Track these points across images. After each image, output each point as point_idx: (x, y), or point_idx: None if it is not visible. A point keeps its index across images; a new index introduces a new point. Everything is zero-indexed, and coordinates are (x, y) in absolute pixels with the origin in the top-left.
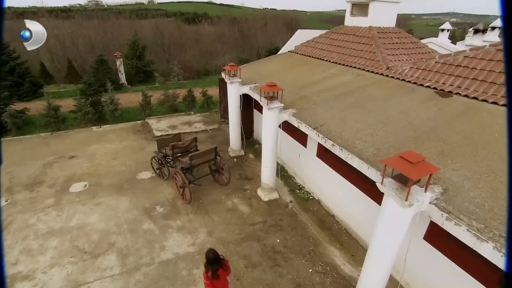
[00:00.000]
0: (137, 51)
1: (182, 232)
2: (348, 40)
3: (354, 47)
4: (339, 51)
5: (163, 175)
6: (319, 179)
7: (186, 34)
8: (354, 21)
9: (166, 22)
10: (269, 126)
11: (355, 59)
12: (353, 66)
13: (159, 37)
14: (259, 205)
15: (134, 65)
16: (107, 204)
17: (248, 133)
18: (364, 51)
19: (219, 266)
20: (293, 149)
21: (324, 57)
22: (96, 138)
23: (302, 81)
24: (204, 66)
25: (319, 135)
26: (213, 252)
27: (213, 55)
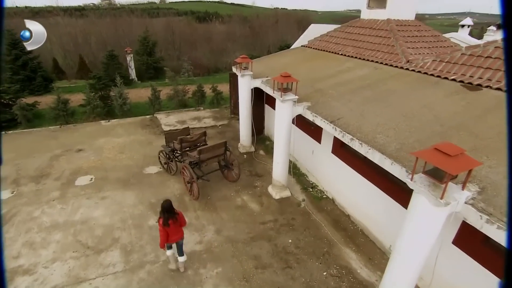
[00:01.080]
0: (147, 47)
1: (189, 229)
2: (364, 33)
3: (371, 40)
4: (354, 44)
5: (171, 170)
6: (333, 177)
7: (197, 32)
8: (371, 14)
9: (177, 20)
10: (282, 120)
11: (372, 53)
12: (370, 59)
13: (170, 35)
14: (270, 203)
15: (145, 61)
16: (113, 198)
17: (258, 129)
18: (381, 44)
19: (171, 216)
20: (306, 146)
21: (339, 51)
22: (104, 132)
23: (317, 75)
24: (215, 63)
25: (336, 129)
26: (168, 203)
27: (223, 53)
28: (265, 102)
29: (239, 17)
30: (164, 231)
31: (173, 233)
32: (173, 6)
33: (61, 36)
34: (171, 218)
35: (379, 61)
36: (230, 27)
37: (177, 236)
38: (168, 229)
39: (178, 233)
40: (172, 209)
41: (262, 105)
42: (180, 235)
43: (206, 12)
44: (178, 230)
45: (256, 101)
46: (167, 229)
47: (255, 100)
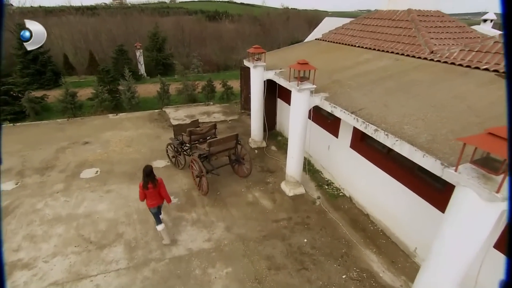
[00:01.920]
0: (157, 43)
1: (197, 225)
2: (383, 25)
3: (390, 31)
4: (372, 36)
5: (179, 164)
6: (351, 174)
7: (207, 30)
8: (390, 5)
9: (187, 19)
10: (298, 111)
11: (391, 44)
12: (390, 51)
13: (180, 32)
14: (283, 200)
15: (154, 57)
16: (118, 192)
17: (270, 124)
18: (402, 35)
19: (150, 180)
20: (321, 141)
21: (355, 43)
22: (111, 125)
23: (333, 66)
24: (224, 61)
25: (358, 120)
26: (149, 168)
27: (233, 50)
28: (278, 96)
29: (249, 16)
30: (142, 192)
31: (151, 198)
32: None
33: (72, 33)
34: (150, 182)
35: (399, 52)
36: (240, 25)
37: (155, 202)
38: (147, 192)
39: (156, 199)
40: (152, 174)
41: (274, 99)
42: (159, 200)
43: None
44: (157, 196)
45: (268, 95)
46: (146, 191)
47: (267, 94)
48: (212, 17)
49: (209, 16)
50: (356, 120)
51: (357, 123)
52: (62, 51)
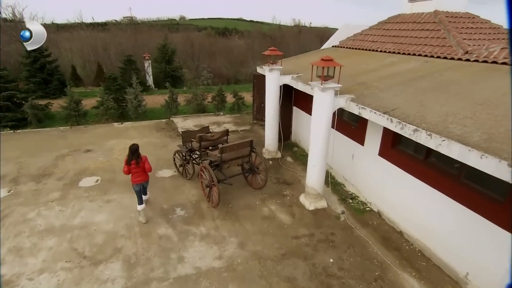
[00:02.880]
0: (166, 55)
1: (207, 241)
2: (406, 28)
3: (415, 35)
4: (395, 41)
5: (187, 173)
6: (380, 185)
7: (216, 44)
8: (414, 8)
9: (197, 34)
10: (322, 113)
11: (417, 47)
12: (417, 54)
13: (189, 47)
14: (302, 214)
15: (163, 69)
16: (119, 202)
17: (285, 134)
18: (429, 38)
19: (134, 157)
20: (344, 150)
21: (377, 48)
22: (116, 134)
23: (356, 70)
24: (234, 74)
25: (392, 120)
26: (134, 147)
27: (243, 64)
28: (294, 104)
29: (259, 32)
30: (126, 168)
31: (135, 174)
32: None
33: (82, 47)
34: (134, 159)
35: (428, 54)
36: (249, 41)
37: (139, 179)
38: (131, 168)
39: (140, 176)
40: (137, 153)
41: (290, 107)
42: (143, 178)
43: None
44: (141, 173)
45: (282, 103)
46: (130, 167)
47: (283, 102)
48: (221, 33)
49: (219, 32)
50: (390, 121)
51: (391, 124)
52: (70, 63)
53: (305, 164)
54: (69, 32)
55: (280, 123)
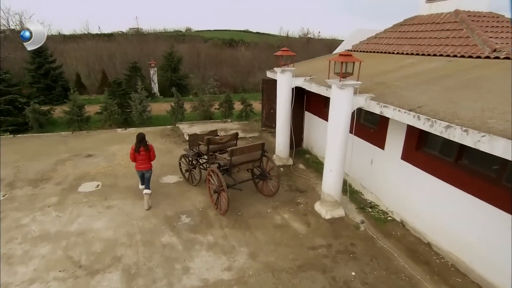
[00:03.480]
0: (172, 63)
1: (214, 250)
2: (425, 29)
3: (434, 35)
4: (413, 42)
5: (193, 179)
6: (403, 192)
7: (223, 54)
8: (432, 8)
9: (203, 45)
10: (340, 113)
11: (438, 48)
12: (437, 54)
13: (195, 56)
14: (318, 223)
15: (169, 77)
16: (120, 208)
17: (297, 141)
18: (450, 38)
19: (142, 145)
20: (361, 155)
21: (393, 51)
22: (119, 139)
23: (373, 71)
24: (241, 83)
25: (419, 118)
26: (141, 136)
27: (250, 74)
28: (305, 109)
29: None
30: (133, 155)
31: (140, 162)
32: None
33: (87, 56)
34: (142, 146)
35: (450, 54)
36: (256, 52)
37: (144, 166)
38: (138, 156)
39: (145, 163)
40: (144, 141)
41: (301, 112)
42: (146, 166)
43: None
44: (145, 161)
45: (295, 107)
46: (137, 155)
47: (294, 107)
48: (228, 43)
49: (225, 42)
50: (417, 118)
51: (418, 122)
52: (75, 71)
53: (319, 171)
54: (76, 43)
55: (292, 130)
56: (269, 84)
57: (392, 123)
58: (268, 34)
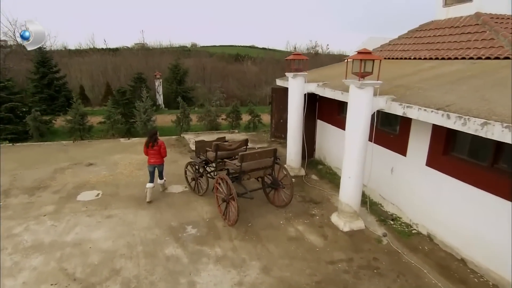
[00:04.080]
0: (178, 75)
1: (223, 264)
2: (443, 34)
3: (454, 39)
4: (430, 47)
5: (200, 189)
6: (429, 202)
7: (228, 68)
8: (450, 12)
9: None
10: (359, 115)
11: (458, 51)
12: (459, 57)
13: (201, 70)
14: (336, 236)
15: (174, 89)
16: (121, 218)
17: (308, 151)
18: (472, 40)
19: (152, 140)
20: (380, 163)
21: (409, 56)
22: (122, 149)
23: (390, 75)
24: (248, 96)
25: (449, 116)
26: (153, 131)
27: (256, 87)
28: (318, 117)
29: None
30: (145, 149)
31: (151, 156)
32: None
33: (92, 69)
34: (151, 141)
35: (474, 57)
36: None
37: (154, 160)
38: (150, 150)
39: (155, 157)
40: (155, 136)
41: (313, 121)
42: (157, 160)
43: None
44: (156, 156)
45: (306, 116)
46: (149, 150)
47: (305, 115)
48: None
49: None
50: (447, 117)
51: (448, 121)
52: (79, 84)
53: (333, 182)
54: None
55: (305, 140)
56: (278, 93)
57: (415, 126)
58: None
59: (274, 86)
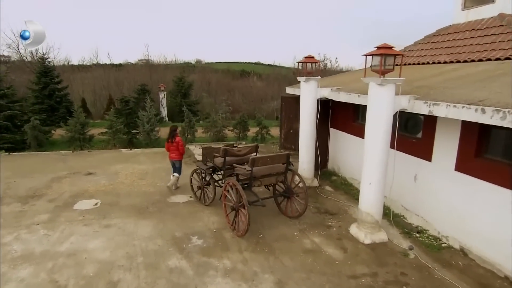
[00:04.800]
0: (182, 88)
1: (232, 277)
2: (464, 37)
3: (476, 42)
4: (450, 51)
5: (206, 198)
6: (462, 212)
7: (234, 83)
8: (470, 15)
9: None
10: (380, 114)
11: (482, 54)
12: (483, 59)
13: (206, 84)
14: (357, 249)
15: (178, 102)
16: (121, 227)
17: (322, 161)
18: (497, 42)
19: (170, 137)
20: (402, 171)
21: (427, 61)
22: (123, 159)
23: (410, 77)
24: (254, 110)
25: (484, 110)
26: (174, 127)
27: (263, 101)
28: (331, 126)
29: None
30: (166, 145)
31: (171, 152)
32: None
33: (94, 83)
34: (170, 137)
35: (501, 58)
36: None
37: (173, 156)
38: (170, 146)
39: (174, 153)
40: (174, 133)
41: (326, 130)
42: (175, 156)
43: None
44: (175, 152)
45: (318, 124)
46: (169, 146)
47: (317, 123)
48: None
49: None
50: (481, 112)
51: (483, 116)
52: (81, 96)
53: (349, 193)
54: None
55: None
56: (288, 102)
57: (441, 128)
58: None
59: (284, 95)
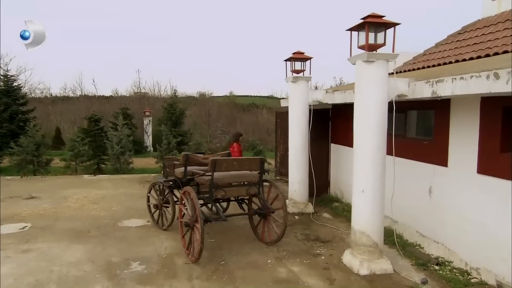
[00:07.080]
0: (173, 115)
1: None
2: (494, 30)
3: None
4: (479, 48)
5: (164, 220)
6: (497, 232)
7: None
8: (502, 6)
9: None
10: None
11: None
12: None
13: (205, 115)
14: (348, 280)
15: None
16: (43, 252)
17: (320, 185)
18: None
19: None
20: (411, 184)
21: (450, 61)
22: (82, 184)
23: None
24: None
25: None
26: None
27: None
28: (331, 141)
29: None
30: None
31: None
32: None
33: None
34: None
35: None
36: None
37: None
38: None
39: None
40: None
41: (326, 145)
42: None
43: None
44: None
45: (315, 139)
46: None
47: (314, 138)
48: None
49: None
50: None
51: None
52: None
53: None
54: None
55: (313, 167)
56: (284, 118)
57: (455, 121)
58: None
59: (279, 110)
